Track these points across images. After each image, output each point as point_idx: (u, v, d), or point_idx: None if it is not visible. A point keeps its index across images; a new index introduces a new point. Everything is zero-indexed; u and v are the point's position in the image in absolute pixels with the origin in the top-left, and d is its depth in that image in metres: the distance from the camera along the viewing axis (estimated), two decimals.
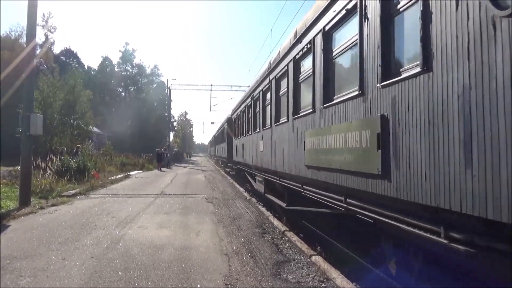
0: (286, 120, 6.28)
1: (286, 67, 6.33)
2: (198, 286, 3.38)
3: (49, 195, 9.13)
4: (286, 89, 6.39)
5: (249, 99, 10.90)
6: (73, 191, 9.98)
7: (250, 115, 10.83)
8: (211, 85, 37.63)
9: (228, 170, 19.97)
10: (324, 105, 4.41)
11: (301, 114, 5.45)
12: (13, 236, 5.14)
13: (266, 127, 8.04)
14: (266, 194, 8.63)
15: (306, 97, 5.49)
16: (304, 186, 5.34)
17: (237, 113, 14.30)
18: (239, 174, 15.13)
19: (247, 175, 12.34)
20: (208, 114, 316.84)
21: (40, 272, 3.66)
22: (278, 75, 7.05)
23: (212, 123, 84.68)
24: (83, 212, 7.21)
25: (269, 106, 7.87)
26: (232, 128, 16.72)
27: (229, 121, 18.17)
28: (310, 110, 4.94)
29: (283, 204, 6.86)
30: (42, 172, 11.40)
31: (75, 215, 6.82)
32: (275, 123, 7.14)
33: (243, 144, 12.19)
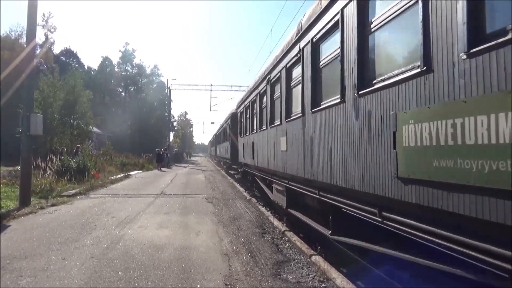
0: (339, 100, 4.04)
1: (337, 16, 4.06)
2: (198, 286, 3.38)
3: (49, 195, 9.13)
4: (338, 51, 4.11)
5: (263, 84, 8.42)
6: (73, 191, 9.99)
7: (265, 104, 8.38)
8: (211, 85, 37.65)
9: (232, 172, 17.75)
10: (471, 51, 2.11)
11: (379, 86, 3.18)
12: (13, 236, 5.14)
13: (294, 117, 5.78)
14: (289, 209, 6.53)
15: (389, 57, 3.29)
16: (384, 213, 3.13)
17: (245, 105, 11.84)
18: (246, 178, 13.37)
19: (258, 181, 10.19)
20: (208, 114, 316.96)
21: (40, 272, 3.66)
22: (318, 36, 4.71)
23: (212, 123, 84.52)
24: (83, 212, 7.21)
25: (300, 86, 5.52)
26: (237, 125, 14.63)
27: (233, 116, 16.34)
28: (415, 71, 2.64)
29: (326, 232, 4.68)
30: (42, 172, 11.41)
31: (75, 215, 6.82)
32: (311, 110, 4.92)
33: (253, 143, 10.24)
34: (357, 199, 3.64)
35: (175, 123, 67.76)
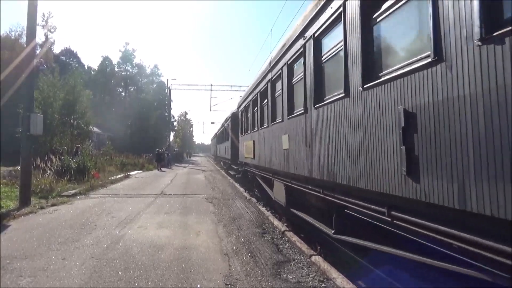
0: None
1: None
2: (198, 286, 3.38)
3: (49, 195, 9.13)
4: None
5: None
6: (73, 191, 9.99)
7: None
8: (211, 85, 37.76)
9: None
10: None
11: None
12: (13, 236, 5.14)
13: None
14: None
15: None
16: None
17: None
18: None
19: None
20: (208, 114, 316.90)
21: (40, 272, 3.66)
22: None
23: (212, 123, 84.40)
24: (83, 212, 7.21)
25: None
26: None
27: None
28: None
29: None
30: (42, 172, 11.41)
31: (75, 215, 6.82)
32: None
33: None
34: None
35: (175, 123, 67.79)
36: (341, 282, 3.45)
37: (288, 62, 6.12)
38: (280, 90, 6.72)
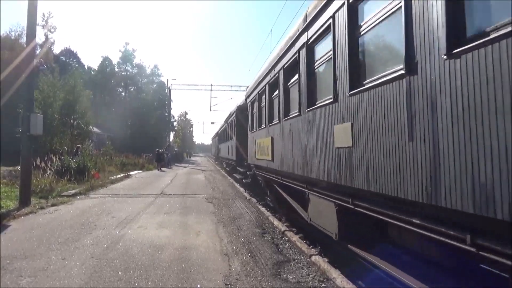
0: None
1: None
2: (198, 286, 3.38)
3: (49, 195, 9.13)
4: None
5: None
6: (73, 191, 9.98)
7: None
8: (211, 85, 37.80)
9: None
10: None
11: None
12: (13, 236, 5.14)
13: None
14: None
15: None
16: None
17: None
18: None
19: None
20: (208, 114, 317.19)
21: (40, 272, 3.66)
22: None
23: (212, 123, 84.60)
24: (83, 212, 7.21)
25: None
26: None
27: None
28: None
29: None
30: (42, 172, 11.41)
31: (75, 215, 6.82)
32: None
33: None
34: None
35: (175, 123, 67.76)
36: (341, 282, 3.45)
37: (350, 1, 3.74)
38: (330, 53, 4.30)
